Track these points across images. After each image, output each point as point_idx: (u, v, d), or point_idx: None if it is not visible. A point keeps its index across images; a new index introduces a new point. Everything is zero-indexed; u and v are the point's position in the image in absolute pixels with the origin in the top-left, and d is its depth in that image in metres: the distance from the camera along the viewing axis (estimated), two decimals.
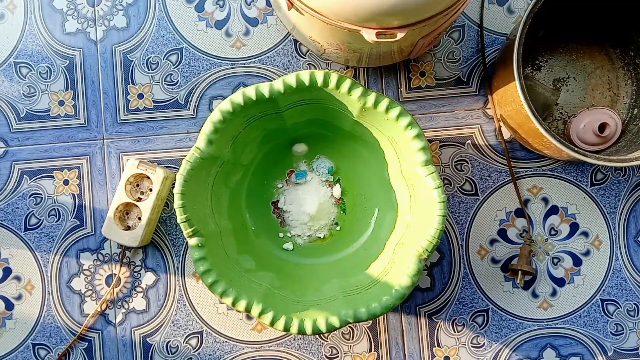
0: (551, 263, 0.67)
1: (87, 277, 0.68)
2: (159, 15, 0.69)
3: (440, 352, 0.66)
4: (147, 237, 0.64)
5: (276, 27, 0.68)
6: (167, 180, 0.64)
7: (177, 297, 0.67)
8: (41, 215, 0.68)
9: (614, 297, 0.66)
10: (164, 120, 0.68)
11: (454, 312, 0.66)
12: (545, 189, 0.67)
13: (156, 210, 0.64)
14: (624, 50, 0.65)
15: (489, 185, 0.67)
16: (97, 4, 0.69)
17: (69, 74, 0.69)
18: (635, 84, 0.66)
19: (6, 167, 0.68)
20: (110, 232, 0.64)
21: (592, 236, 0.67)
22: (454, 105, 0.68)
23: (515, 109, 0.57)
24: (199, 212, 0.58)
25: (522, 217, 0.67)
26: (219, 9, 0.69)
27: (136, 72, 0.68)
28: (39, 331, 0.67)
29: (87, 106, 0.69)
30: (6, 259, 0.68)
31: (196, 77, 0.68)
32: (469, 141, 0.67)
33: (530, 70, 0.67)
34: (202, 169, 0.57)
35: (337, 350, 0.66)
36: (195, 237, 0.57)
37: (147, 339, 0.67)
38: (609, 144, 0.63)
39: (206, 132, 0.56)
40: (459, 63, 0.68)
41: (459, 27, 0.68)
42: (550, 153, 0.61)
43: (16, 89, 0.69)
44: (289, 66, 0.68)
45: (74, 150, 0.68)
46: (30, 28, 0.69)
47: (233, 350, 0.67)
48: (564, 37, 0.66)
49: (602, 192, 0.67)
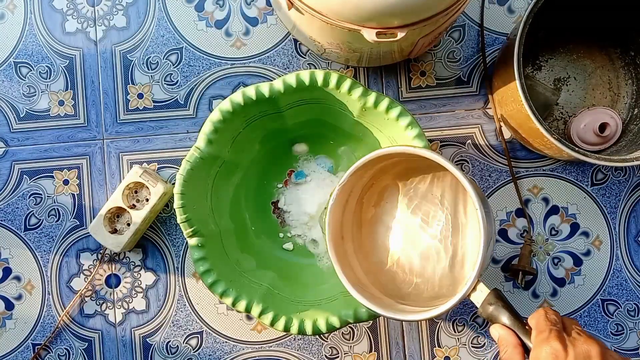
0: (552, 263, 0.67)
1: (87, 277, 0.67)
2: (159, 15, 0.69)
3: (440, 353, 0.66)
4: (130, 245, 0.64)
5: (276, 27, 0.68)
6: (165, 196, 0.64)
7: (177, 297, 0.67)
8: (41, 215, 0.68)
9: (614, 297, 0.66)
10: (163, 120, 0.68)
11: (454, 312, 0.66)
12: (546, 189, 0.67)
13: (147, 222, 0.64)
14: (625, 50, 0.65)
15: (490, 185, 0.67)
16: (97, 4, 0.69)
17: (68, 74, 0.69)
18: (635, 83, 0.66)
19: (6, 167, 0.68)
20: (96, 231, 0.64)
21: (593, 236, 0.67)
22: (454, 105, 0.68)
23: (516, 109, 0.57)
24: (199, 212, 0.58)
25: (523, 217, 0.67)
26: (219, 8, 0.69)
27: (136, 72, 0.68)
28: (39, 331, 0.67)
29: (87, 106, 0.68)
30: (6, 259, 0.68)
31: (196, 77, 0.68)
32: (469, 141, 0.67)
33: (530, 70, 0.67)
34: (202, 169, 0.57)
35: (337, 351, 0.66)
36: (195, 237, 0.56)
37: (147, 339, 0.67)
38: (610, 143, 0.63)
39: (206, 132, 0.56)
40: (459, 63, 0.68)
41: (459, 26, 0.68)
42: (551, 153, 0.61)
43: (16, 89, 0.69)
44: (289, 66, 0.68)
45: (74, 150, 0.68)
46: (30, 28, 0.69)
47: (233, 351, 0.67)
48: (565, 37, 0.66)
49: (602, 192, 0.67)
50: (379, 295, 0.53)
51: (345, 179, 0.52)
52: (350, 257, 0.55)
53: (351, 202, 0.57)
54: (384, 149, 0.50)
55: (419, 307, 0.49)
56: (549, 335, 0.42)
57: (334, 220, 0.53)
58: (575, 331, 0.43)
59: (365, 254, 0.57)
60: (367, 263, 0.56)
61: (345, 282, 0.50)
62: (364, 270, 0.55)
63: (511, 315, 0.44)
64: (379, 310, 0.49)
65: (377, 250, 0.58)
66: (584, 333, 0.43)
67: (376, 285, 0.54)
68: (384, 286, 0.55)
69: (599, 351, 0.41)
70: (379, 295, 0.53)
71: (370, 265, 0.57)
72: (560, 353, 0.41)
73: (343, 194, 0.53)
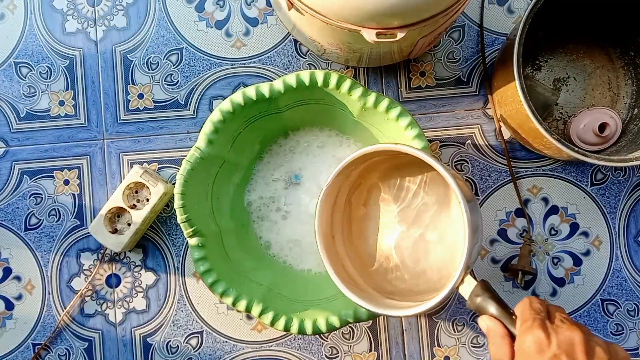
0: (551, 263, 0.67)
1: (87, 277, 0.68)
2: (159, 16, 0.69)
3: (440, 352, 0.66)
4: (130, 245, 0.64)
5: (276, 27, 0.68)
6: (165, 196, 0.64)
7: (178, 297, 0.67)
8: (41, 215, 0.68)
9: (614, 297, 0.66)
10: (164, 120, 0.68)
11: (454, 312, 0.66)
12: (546, 189, 0.67)
13: (147, 222, 0.64)
14: (624, 50, 0.65)
15: (489, 185, 0.67)
16: (97, 4, 0.69)
17: (69, 74, 0.69)
18: (635, 83, 0.66)
19: (6, 167, 0.68)
20: (97, 231, 0.64)
21: (592, 236, 0.67)
22: (454, 105, 0.68)
23: (515, 109, 0.57)
24: (199, 212, 0.58)
25: (522, 217, 0.67)
26: (219, 9, 0.69)
27: (136, 72, 0.68)
28: (39, 331, 0.67)
29: (87, 106, 0.69)
30: (6, 259, 0.68)
31: (196, 77, 0.68)
32: (469, 141, 0.67)
33: (530, 70, 0.67)
34: (202, 169, 0.57)
35: (337, 350, 0.66)
36: (196, 237, 0.57)
37: (148, 339, 0.67)
38: (609, 143, 0.63)
39: (206, 132, 0.56)
40: (459, 63, 0.68)
41: (459, 27, 0.68)
42: (551, 153, 0.61)
43: (16, 89, 0.69)
44: (289, 66, 0.68)
45: (74, 150, 0.68)
46: (30, 28, 0.69)
47: (233, 350, 0.67)
48: (564, 37, 0.66)
49: (602, 192, 0.67)
50: (372, 292, 0.53)
51: (331, 179, 0.52)
52: (342, 257, 0.55)
53: (340, 201, 0.57)
54: (367, 147, 0.50)
55: (416, 302, 0.49)
56: (532, 324, 0.42)
57: (323, 220, 0.53)
58: (559, 318, 0.43)
59: (358, 253, 0.57)
60: (360, 262, 0.57)
61: (334, 277, 0.51)
62: (357, 270, 0.55)
63: (498, 306, 0.45)
64: (370, 307, 0.49)
65: (369, 249, 0.58)
66: (568, 320, 0.43)
67: (370, 284, 0.55)
68: (378, 284, 0.55)
69: (582, 337, 0.41)
70: (373, 292, 0.53)
71: (363, 264, 0.57)
72: (543, 341, 0.41)
73: (331, 194, 0.53)
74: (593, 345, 0.41)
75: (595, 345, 0.41)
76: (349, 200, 0.58)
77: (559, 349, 0.41)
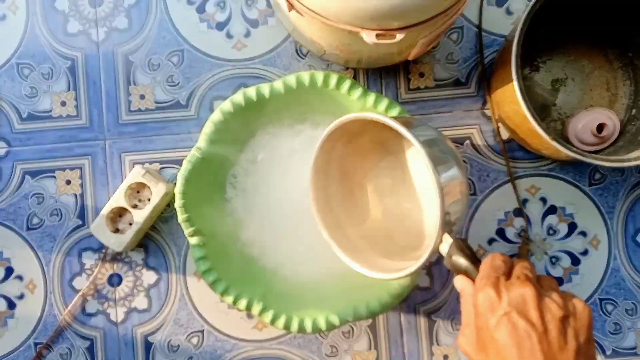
0: (549, 262, 0.67)
1: (89, 276, 0.68)
2: (161, 17, 0.69)
3: (439, 351, 0.67)
4: (132, 244, 0.64)
5: (277, 29, 0.69)
6: (166, 196, 0.64)
7: (179, 296, 0.67)
8: (43, 215, 0.68)
9: (612, 297, 0.67)
10: (165, 120, 0.68)
11: (453, 311, 0.67)
12: (544, 188, 0.67)
13: (148, 221, 0.64)
14: (623, 51, 0.66)
15: (488, 185, 0.67)
16: (98, 5, 0.70)
17: (70, 75, 0.69)
18: (633, 84, 0.66)
19: (8, 167, 0.69)
20: (98, 230, 0.64)
21: (590, 236, 0.67)
22: (452, 106, 0.68)
23: (514, 110, 0.57)
24: (200, 211, 0.58)
25: (521, 217, 0.67)
26: (220, 10, 0.69)
27: (138, 73, 0.69)
28: (41, 330, 0.68)
29: (89, 107, 0.69)
30: (8, 259, 0.68)
31: (197, 78, 0.69)
32: (467, 141, 0.68)
33: (528, 71, 0.67)
34: (203, 168, 0.57)
35: (337, 349, 0.67)
36: (196, 237, 0.57)
37: (149, 338, 0.67)
38: (607, 144, 0.64)
39: (207, 132, 0.57)
40: (457, 64, 0.68)
41: (457, 28, 0.68)
42: (549, 153, 0.61)
43: (18, 90, 0.69)
44: (289, 67, 0.69)
45: (76, 151, 0.69)
46: (32, 29, 0.70)
47: (234, 349, 0.67)
48: (563, 38, 0.66)
49: (600, 192, 0.67)
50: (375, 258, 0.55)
51: (316, 154, 0.55)
52: (344, 225, 0.57)
53: (332, 173, 0.58)
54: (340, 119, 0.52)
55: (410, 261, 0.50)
56: (486, 282, 0.41)
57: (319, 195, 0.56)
58: (516, 275, 0.42)
59: (358, 217, 0.59)
60: (362, 227, 0.58)
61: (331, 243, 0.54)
62: (360, 235, 0.57)
63: (469, 264, 0.44)
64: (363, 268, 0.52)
65: (367, 211, 0.60)
66: (524, 276, 0.42)
67: (374, 247, 0.57)
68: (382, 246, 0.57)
69: (533, 293, 0.40)
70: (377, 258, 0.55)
71: (365, 228, 0.59)
72: (494, 300, 0.40)
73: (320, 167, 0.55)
74: (547, 301, 0.40)
75: (550, 300, 0.40)
76: (344, 170, 0.60)
77: (509, 306, 0.39)
